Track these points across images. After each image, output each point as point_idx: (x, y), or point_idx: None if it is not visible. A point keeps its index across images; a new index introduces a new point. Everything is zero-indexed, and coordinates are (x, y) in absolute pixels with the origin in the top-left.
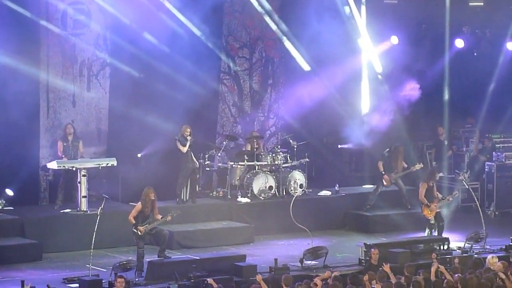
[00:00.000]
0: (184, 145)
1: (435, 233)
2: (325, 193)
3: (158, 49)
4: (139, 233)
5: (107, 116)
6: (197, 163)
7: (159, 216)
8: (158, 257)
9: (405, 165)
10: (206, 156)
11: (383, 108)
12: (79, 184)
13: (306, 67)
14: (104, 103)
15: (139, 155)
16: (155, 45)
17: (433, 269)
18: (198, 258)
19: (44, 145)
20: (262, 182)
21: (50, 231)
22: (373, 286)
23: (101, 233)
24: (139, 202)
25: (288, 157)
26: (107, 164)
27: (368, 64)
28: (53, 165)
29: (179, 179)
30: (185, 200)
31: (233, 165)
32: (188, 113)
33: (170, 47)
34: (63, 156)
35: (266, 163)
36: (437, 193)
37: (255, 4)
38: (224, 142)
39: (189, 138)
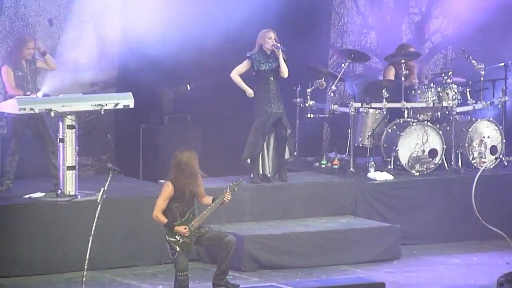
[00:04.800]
0: (261, 66)
1: None
2: None
3: None
4: (179, 239)
5: (118, 9)
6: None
7: (209, 199)
8: (213, 286)
9: None
10: (308, 91)
11: None
12: (60, 145)
13: None
14: None
15: (188, 87)
16: None
17: None
18: None
19: None
20: (416, 143)
21: (3, 236)
22: None
23: (103, 241)
24: (167, 181)
25: (469, 94)
26: (117, 105)
27: None
28: (9, 107)
29: (252, 135)
30: (267, 175)
31: (361, 109)
32: (271, 13)
33: None
34: (20, 92)
35: (424, 105)
36: None
37: None
38: (344, 65)
39: (275, 48)
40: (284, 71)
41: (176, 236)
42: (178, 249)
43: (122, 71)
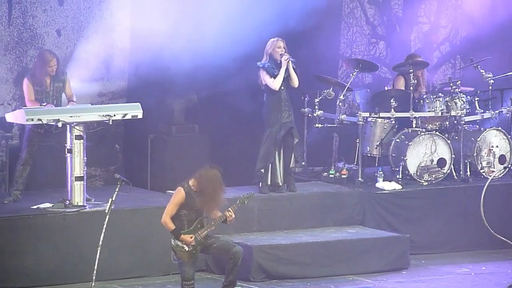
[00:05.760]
0: (274, 76)
1: None
2: None
3: None
4: (185, 248)
5: (127, 21)
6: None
7: (218, 213)
8: None
9: None
10: (316, 101)
11: None
12: (68, 155)
13: None
14: None
15: (196, 97)
16: None
17: None
18: None
19: (0, 80)
20: (424, 152)
21: (11, 247)
22: None
23: (111, 251)
24: (180, 188)
25: (477, 104)
26: (125, 115)
27: None
28: (18, 117)
29: (265, 144)
30: (278, 183)
31: (369, 119)
32: (281, 23)
33: None
34: (37, 105)
35: (433, 114)
36: None
37: None
38: (352, 74)
39: (284, 59)
40: (295, 81)
41: (182, 245)
42: (182, 258)
43: (131, 82)
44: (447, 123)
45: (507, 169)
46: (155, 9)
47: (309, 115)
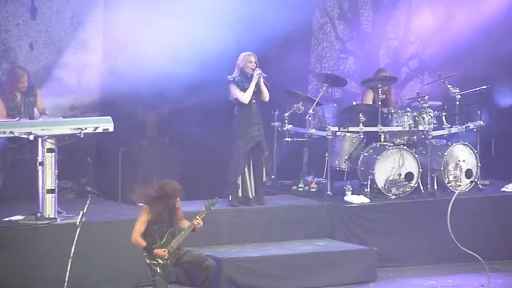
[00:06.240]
0: (244, 90)
1: None
2: None
3: None
4: (158, 261)
5: (99, 35)
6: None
7: (186, 223)
8: None
9: None
10: (286, 115)
11: None
12: (40, 168)
13: None
14: (94, 9)
15: (166, 110)
16: None
17: None
18: None
19: None
20: (392, 166)
21: None
22: None
23: (82, 263)
24: (145, 206)
25: (444, 119)
26: (96, 129)
27: None
28: None
29: (234, 158)
30: (249, 197)
31: (338, 133)
32: (253, 36)
33: None
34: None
35: (401, 129)
36: None
37: None
38: (321, 89)
39: (256, 73)
40: (265, 95)
41: (156, 259)
42: (158, 271)
43: (103, 96)
44: (415, 137)
45: (473, 183)
46: (127, 23)
47: (279, 129)
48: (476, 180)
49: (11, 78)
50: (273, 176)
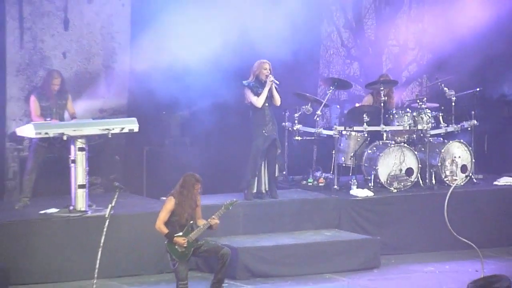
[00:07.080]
0: (258, 95)
1: None
2: (507, 180)
3: None
4: (179, 248)
5: (127, 45)
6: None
7: (203, 222)
8: None
9: None
10: (296, 116)
11: None
12: (72, 165)
13: None
14: (121, 21)
15: (186, 113)
16: None
17: None
18: None
19: (13, 98)
20: (394, 162)
21: (22, 248)
22: None
23: (111, 251)
24: (170, 197)
25: (441, 118)
26: (122, 129)
27: None
28: (27, 131)
29: (252, 157)
30: (262, 192)
31: (344, 132)
32: (267, 43)
33: None
34: (43, 120)
35: (401, 128)
36: None
37: None
38: (328, 91)
39: (269, 80)
40: (277, 100)
41: (176, 247)
42: (177, 258)
43: (130, 99)
44: (414, 136)
45: (468, 177)
46: (151, 34)
47: (290, 128)
48: (470, 174)
49: (46, 78)
50: (284, 172)
